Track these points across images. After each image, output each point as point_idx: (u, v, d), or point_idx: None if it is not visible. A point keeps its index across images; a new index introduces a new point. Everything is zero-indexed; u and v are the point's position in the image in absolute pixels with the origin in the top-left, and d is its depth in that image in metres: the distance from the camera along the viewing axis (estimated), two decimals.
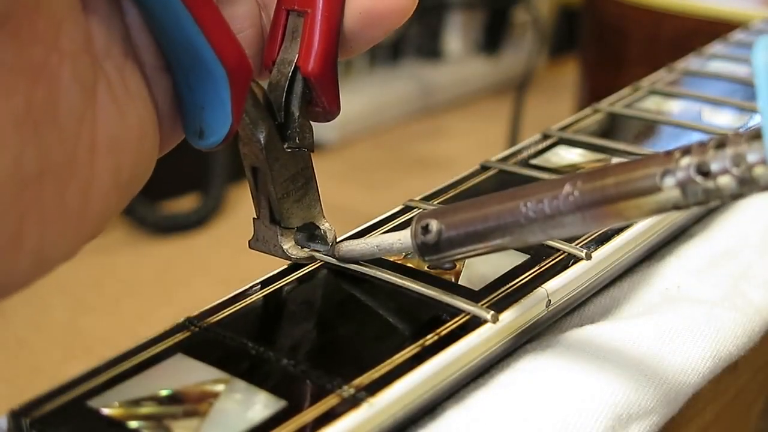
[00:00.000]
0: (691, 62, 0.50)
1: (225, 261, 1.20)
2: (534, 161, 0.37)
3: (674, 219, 0.33)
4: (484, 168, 0.36)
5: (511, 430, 0.24)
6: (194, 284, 1.15)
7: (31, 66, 0.21)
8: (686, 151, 0.22)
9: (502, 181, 0.35)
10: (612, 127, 0.41)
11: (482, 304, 0.27)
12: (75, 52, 0.23)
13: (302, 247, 0.30)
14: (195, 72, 0.25)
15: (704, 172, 0.21)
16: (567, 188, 0.23)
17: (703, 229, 0.35)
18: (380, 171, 1.54)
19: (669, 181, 0.22)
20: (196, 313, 0.27)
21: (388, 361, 0.24)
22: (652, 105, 0.43)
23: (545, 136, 0.39)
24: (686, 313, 0.29)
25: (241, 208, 1.34)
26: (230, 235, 1.27)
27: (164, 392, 0.24)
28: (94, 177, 0.23)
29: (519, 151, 0.38)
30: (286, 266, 0.29)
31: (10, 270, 0.22)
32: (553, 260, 0.29)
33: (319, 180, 0.30)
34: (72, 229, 0.23)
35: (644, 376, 0.27)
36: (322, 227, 0.30)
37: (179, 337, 0.26)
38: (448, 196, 0.34)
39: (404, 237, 0.27)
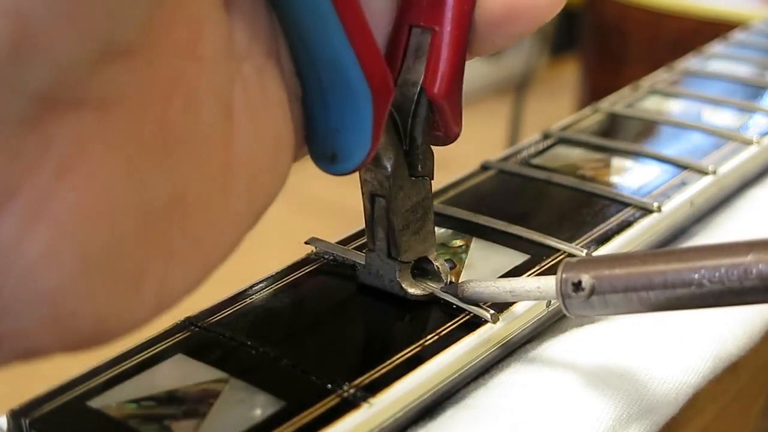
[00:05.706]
0: (691, 62, 0.50)
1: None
2: (534, 161, 0.37)
3: (675, 219, 0.33)
4: (484, 168, 0.36)
5: (510, 430, 0.24)
6: None
7: (166, 82, 0.18)
8: None
9: (502, 181, 0.35)
10: (612, 127, 0.41)
11: (482, 304, 0.27)
12: (214, 58, 0.19)
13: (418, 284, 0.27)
14: (335, 90, 0.22)
15: None
16: (751, 258, 0.22)
17: (703, 229, 0.35)
18: None
19: None
20: (196, 313, 0.27)
21: (388, 361, 0.24)
22: (652, 105, 0.43)
23: (545, 136, 0.39)
24: (686, 313, 0.29)
25: None
26: None
27: (164, 392, 0.23)
28: (226, 202, 0.20)
29: (519, 151, 0.38)
30: (286, 266, 0.29)
31: (129, 311, 0.19)
32: (553, 260, 0.29)
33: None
34: (200, 263, 0.20)
35: (644, 375, 0.27)
36: (435, 262, 0.27)
37: (179, 337, 0.26)
38: (448, 195, 0.34)
39: (546, 286, 0.25)
